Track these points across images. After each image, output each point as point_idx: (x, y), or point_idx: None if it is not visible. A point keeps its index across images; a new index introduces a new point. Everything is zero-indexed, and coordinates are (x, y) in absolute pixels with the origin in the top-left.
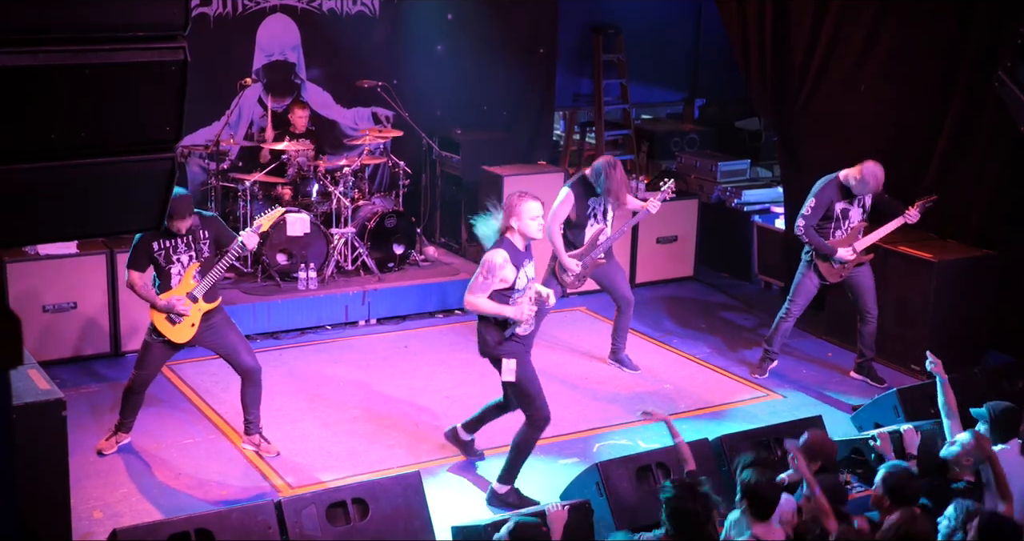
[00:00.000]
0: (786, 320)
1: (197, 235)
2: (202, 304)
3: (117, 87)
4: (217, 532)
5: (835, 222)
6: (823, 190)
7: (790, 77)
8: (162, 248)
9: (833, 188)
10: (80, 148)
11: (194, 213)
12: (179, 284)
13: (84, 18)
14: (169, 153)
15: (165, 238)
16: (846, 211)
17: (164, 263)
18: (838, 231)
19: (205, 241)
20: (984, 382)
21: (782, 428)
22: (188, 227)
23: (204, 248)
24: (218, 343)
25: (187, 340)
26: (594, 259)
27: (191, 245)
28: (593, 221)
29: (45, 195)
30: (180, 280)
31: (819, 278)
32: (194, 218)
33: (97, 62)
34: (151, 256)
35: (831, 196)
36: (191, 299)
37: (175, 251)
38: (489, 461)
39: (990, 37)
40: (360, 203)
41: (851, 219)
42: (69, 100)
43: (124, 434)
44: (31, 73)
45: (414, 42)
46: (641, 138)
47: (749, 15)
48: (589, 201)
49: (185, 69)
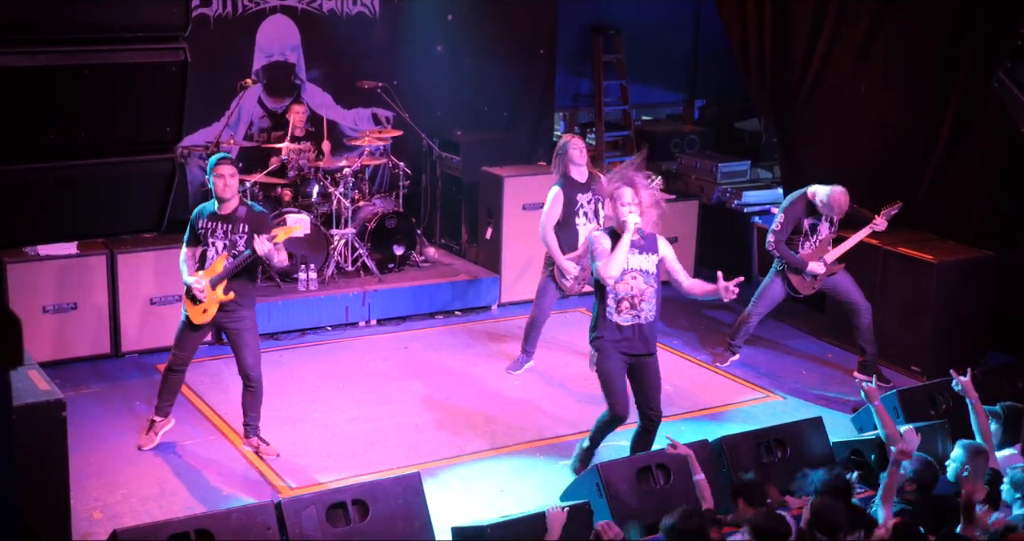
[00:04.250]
0: (747, 322)
1: (237, 226)
2: (219, 294)
3: (117, 88)
4: (217, 533)
5: (804, 236)
6: (791, 207)
7: (790, 77)
8: (204, 228)
9: (801, 205)
10: (80, 148)
11: (248, 204)
12: (209, 268)
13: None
14: (169, 154)
15: (211, 220)
16: (815, 226)
17: (203, 243)
18: (807, 243)
19: (243, 235)
20: (984, 382)
21: (782, 429)
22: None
23: (240, 241)
24: (232, 339)
25: (200, 323)
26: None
27: (227, 234)
28: (584, 221)
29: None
30: (211, 264)
31: (790, 290)
32: (243, 209)
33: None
34: (196, 233)
35: (799, 213)
36: (210, 285)
37: (212, 234)
38: (490, 461)
39: (990, 38)
40: (360, 204)
41: (820, 232)
42: (69, 100)
43: (162, 419)
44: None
45: (414, 43)
46: (641, 139)
47: (749, 16)
48: (576, 197)
49: (185, 70)
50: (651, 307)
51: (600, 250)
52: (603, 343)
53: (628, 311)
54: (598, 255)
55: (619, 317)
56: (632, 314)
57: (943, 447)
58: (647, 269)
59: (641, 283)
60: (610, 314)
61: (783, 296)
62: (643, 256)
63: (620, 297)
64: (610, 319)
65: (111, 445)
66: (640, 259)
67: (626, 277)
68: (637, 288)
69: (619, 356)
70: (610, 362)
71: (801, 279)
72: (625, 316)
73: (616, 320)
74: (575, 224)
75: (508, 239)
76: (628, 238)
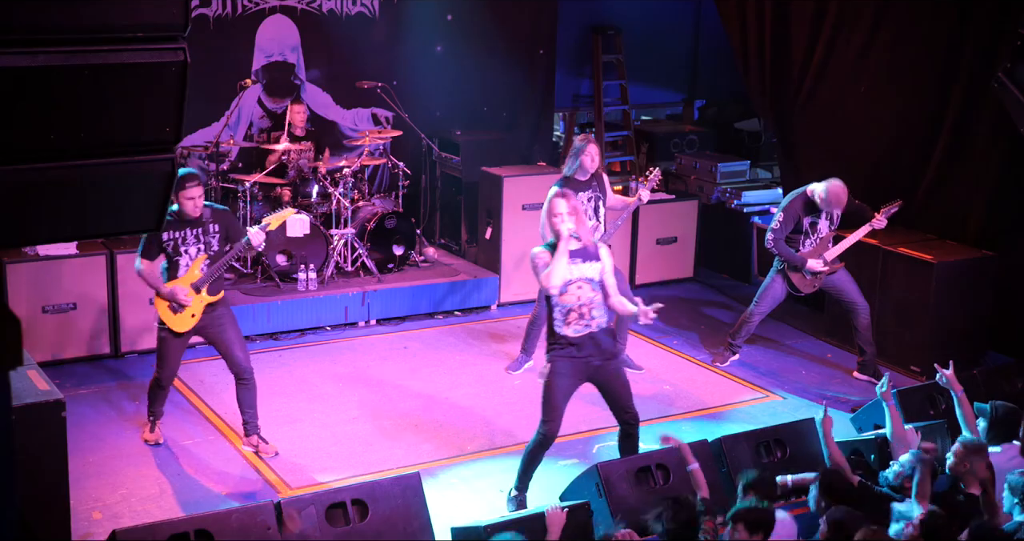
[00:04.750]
0: (749, 321)
1: (207, 228)
2: (205, 296)
3: (117, 88)
4: (216, 533)
5: (804, 234)
6: (790, 205)
7: (789, 78)
8: (171, 239)
9: (800, 203)
10: (80, 149)
11: (206, 205)
12: (185, 274)
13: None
14: (169, 154)
15: (176, 229)
16: (815, 224)
17: (173, 254)
18: (807, 241)
19: (215, 235)
20: (983, 382)
21: (781, 429)
22: (199, 213)
23: (213, 241)
24: (217, 337)
25: (187, 329)
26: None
27: (200, 237)
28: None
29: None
30: (187, 271)
31: (791, 288)
32: (206, 210)
33: (97, 63)
34: (161, 246)
35: (798, 211)
36: (194, 289)
37: (184, 242)
38: (490, 461)
39: (990, 38)
40: (360, 204)
41: (820, 230)
42: (69, 101)
43: (158, 421)
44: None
45: (414, 43)
46: (641, 139)
47: (748, 16)
48: (578, 195)
49: (185, 70)
50: (602, 314)
51: (541, 264)
52: (557, 358)
53: (577, 322)
54: (539, 268)
55: (569, 329)
56: (582, 324)
57: (943, 447)
58: (592, 277)
59: (588, 292)
60: (559, 327)
61: (784, 295)
62: (587, 265)
63: (568, 309)
64: (560, 332)
65: (111, 445)
66: (584, 268)
67: (571, 288)
68: (584, 297)
69: (573, 374)
70: (558, 379)
71: (801, 277)
72: (575, 327)
73: (566, 332)
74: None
75: (508, 239)
76: (565, 246)
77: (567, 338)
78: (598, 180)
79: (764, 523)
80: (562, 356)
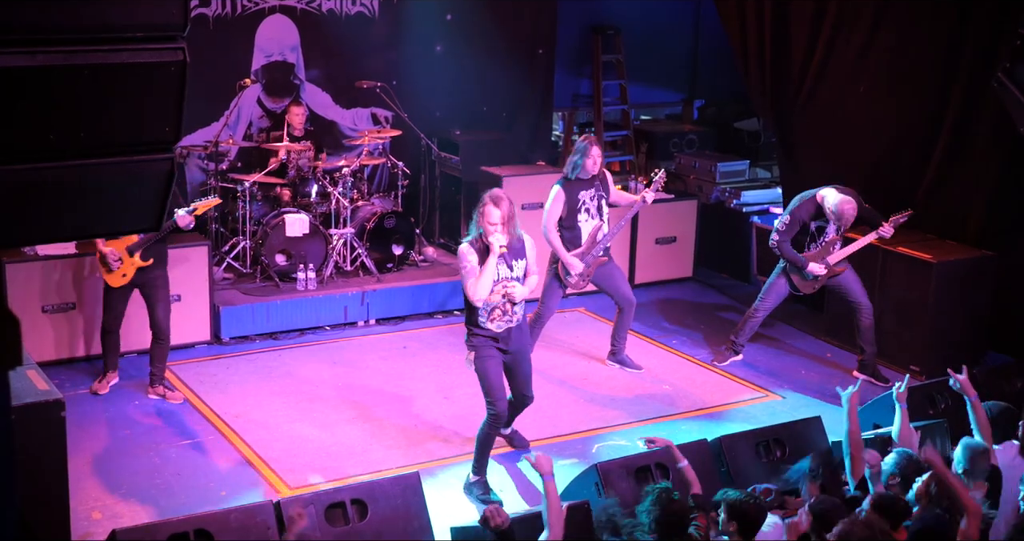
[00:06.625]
0: (753, 317)
1: None
2: (136, 260)
3: (116, 88)
4: (216, 532)
5: (811, 237)
6: (799, 208)
7: (789, 78)
8: None
9: (809, 207)
10: (79, 148)
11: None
12: (123, 237)
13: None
14: (168, 153)
15: None
16: (822, 228)
17: None
18: (813, 244)
19: None
20: (983, 382)
21: (781, 429)
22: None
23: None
24: (146, 296)
25: (117, 286)
26: (596, 257)
27: None
28: (587, 217)
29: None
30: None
31: (791, 288)
32: None
33: (96, 63)
34: None
35: (805, 216)
36: (128, 252)
37: None
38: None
39: (990, 38)
40: (359, 204)
41: (827, 234)
42: (68, 101)
43: (112, 373)
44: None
45: (413, 42)
46: (640, 139)
47: (748, 16)
48: (579, 195)
49: (184, 70)
50: (522, 307)
51: (469, 268)
52: (479, 341)
53: (500, 318)
54: (466, 273)
55: (492, 324)
56: (505, 319)
57: (942, 447)
58: (518, 275)
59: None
60: (483, 321)
61: (788, 292)
62: (515, 262)
63: (492, 306)
64: (484, 325)
65: (111, 445)
66: (511, 268)
67: (496, 287)
68: (509, 295)
69: (496, 354)
70: (488, 361)
71: (802, 279)
72: (498, 323)
73: (489, 327)
74: (578, 221)
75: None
76: (494, 261)
77: (491, 332)
78: (601, 179)
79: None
80: (484, 342)
